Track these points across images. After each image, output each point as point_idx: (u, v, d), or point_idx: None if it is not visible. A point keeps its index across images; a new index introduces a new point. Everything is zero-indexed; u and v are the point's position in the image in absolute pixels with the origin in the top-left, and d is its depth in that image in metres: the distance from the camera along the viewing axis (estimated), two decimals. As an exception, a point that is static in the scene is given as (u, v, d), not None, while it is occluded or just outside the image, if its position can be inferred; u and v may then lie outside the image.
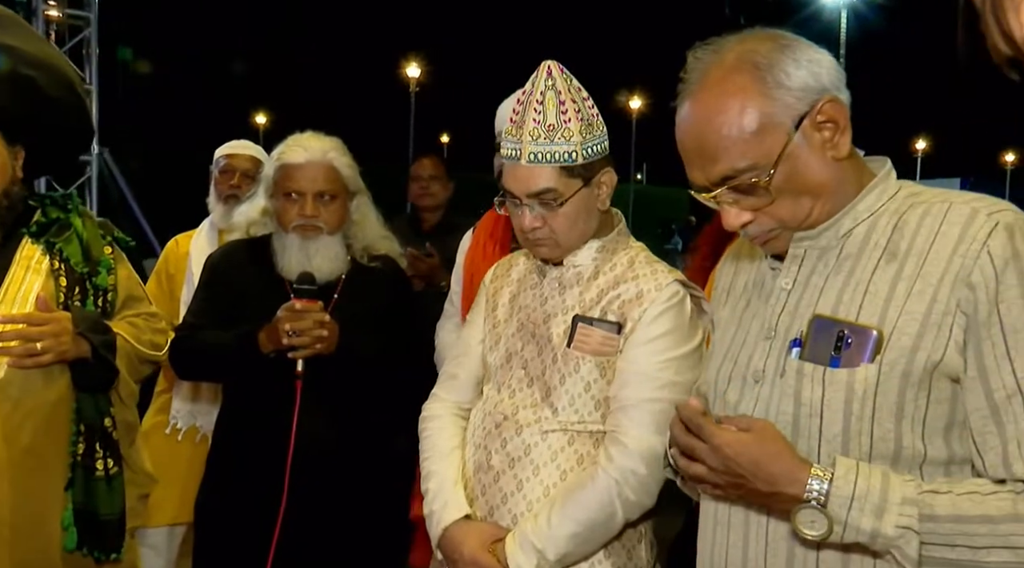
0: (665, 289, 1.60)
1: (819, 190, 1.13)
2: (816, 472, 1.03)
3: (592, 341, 1.60)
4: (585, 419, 1.61)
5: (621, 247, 1.70)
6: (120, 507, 1.86)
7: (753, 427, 1.07)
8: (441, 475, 1.70)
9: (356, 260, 2.20)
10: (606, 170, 1.66)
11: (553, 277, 1.70)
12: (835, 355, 1.10)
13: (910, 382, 1.06)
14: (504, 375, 1.70)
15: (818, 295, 1.14)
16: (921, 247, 1.09)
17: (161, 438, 2.82)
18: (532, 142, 1.60)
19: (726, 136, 1.10)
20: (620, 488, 1.54)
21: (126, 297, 1.95)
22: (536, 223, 1.63)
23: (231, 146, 3.11)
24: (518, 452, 1.62)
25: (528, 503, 1.60)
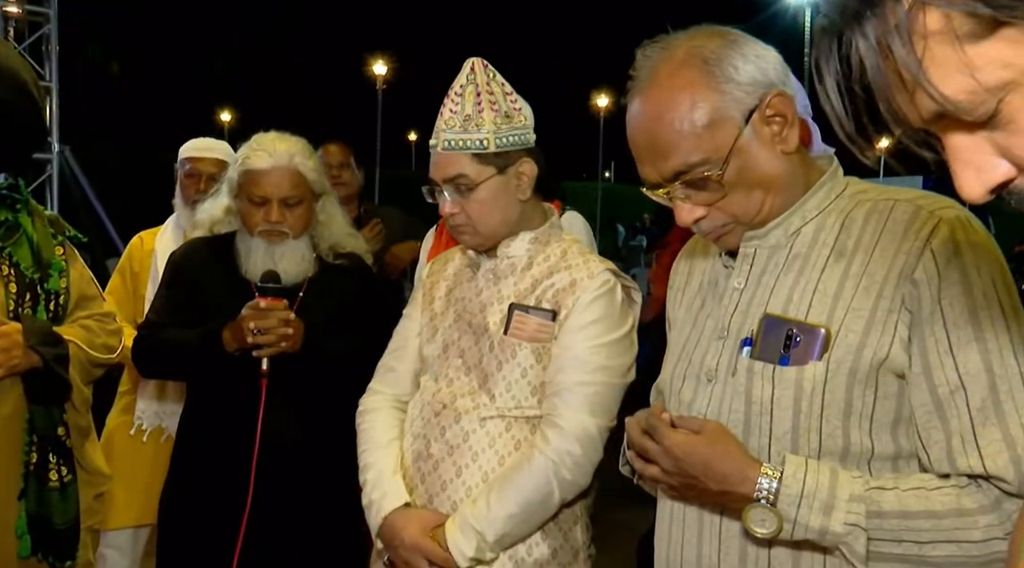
0: (597, 277, 1.66)
1: (770, 183, 1.14)
2: (766, 471, 1.05)
3: (528, 328, 1.65)
4: (522, 404, 1.65)
5: (554, 239, 1.74)
6: (74, 514, 1.84)
7: (704, 429, 1.09)
8: (379, 466, 1.73)
9: (322, 259, 2.19)
10: (525, 161, 1.70)
11: (488, 268, 1.74)
12: (785, 354, 1.11)
13: (857, 379, 1.07)
14: (442, 365, 1.73)
15: (769, 294, 1.16)
16: (867, 245, 1.11)
17: (125, 439, 2.79)
18: (447, 130, 1.67)
19: (677, 131, 1.11)
20: (557, 468, 1.59)
21: (79, 297, 1.91)
22: (454, 209, 1.69)
23: (196, 148, 3.04)
24: (457, 439, 1.65)
25: (467, 489, 1.63)
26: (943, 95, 0.55)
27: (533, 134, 1.73)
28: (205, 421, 2.13)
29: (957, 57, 0.54)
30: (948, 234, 1.06)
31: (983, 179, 0.59)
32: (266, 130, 2.21)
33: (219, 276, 2.14)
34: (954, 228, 1.06)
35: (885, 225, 1.11)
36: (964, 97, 0.55)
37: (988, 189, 0.59)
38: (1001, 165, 0.58)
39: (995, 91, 0.54)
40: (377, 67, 27.99)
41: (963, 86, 0.54)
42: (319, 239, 2.20)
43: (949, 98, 0.55)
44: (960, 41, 0.53)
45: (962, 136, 0.58)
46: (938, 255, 1.05)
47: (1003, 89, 0.54)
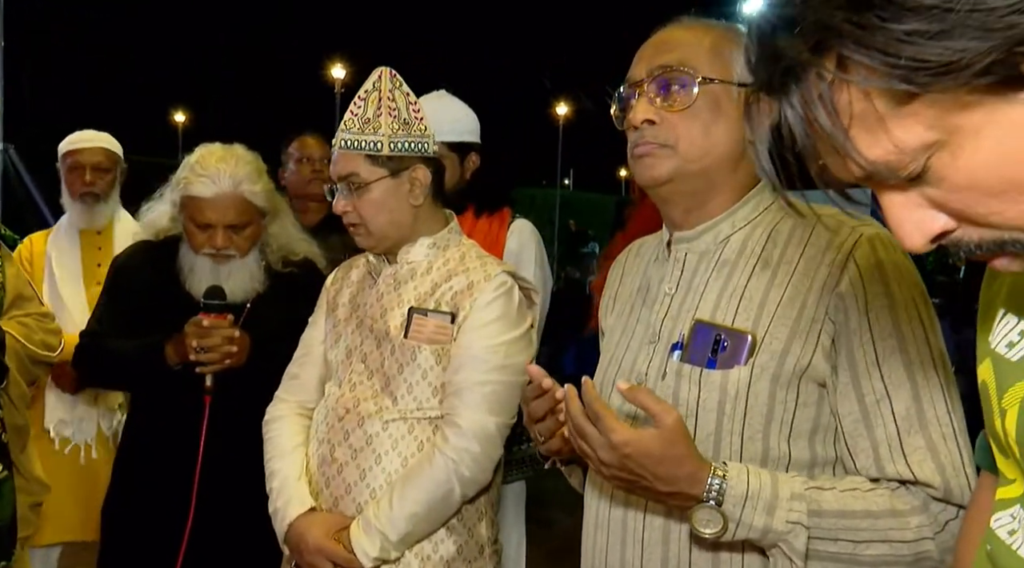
0: (494, 279, 1.70)
1: (720, 145, 1.16)
2: (717, 471, 1.05)
3: (427, 330, 1.68)
4: (424, 406, 1.67)
5: (453, 244, 1.78)
6: (9, 513, 1.78)
7: (662, 424, 1.03)
8: (284, 473, 1.74)
9: (271, 268, 2.13)
10: (419, 167, 1.74)
11: (388, 274, 1.78)
12: (712, 358, 1.13)
13: (779, 384, 1.10)
14: (345, 370, 1.75)
15: (698, 300, 1.18)
16: (791, 257, 1.14)
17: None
18: (346, 131, 1.73)
19: (688, 40, 1.17)
20: (457, 466, 1.62)
21: (15, 296, 1.87)
22: (347, 208, 1.73)
23: (77, 140, 2.93)
24: (360, 443, 1.67)
25: (371, 491, 1.66)
26: (869, 161, 0.56)
27: (433, 145, 1.78)
28: (147, 436, 2.09)
29: (880, 124, 0.55)
30: (869, 249, 1.10)
31: (923, 230, 0.60)
32: (220, 134, 2.14)
33: (163, 286, 2.08)
34: (875, 244, 1.10)
35: (809, 239, 1.14)
36: (892, 158, 0.56)
37: (928, 240, 0.61)
38: (939, 217, 0.60)
39: (921, 151, 0.56)
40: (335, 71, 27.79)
41: (888, 149, 0.56)
42: (269, 251, 2.15)
43: (876, 162, 0.56)
44: (882, 109, 0.55)
45: (896, 193, 0.60)
46: (862, 269, 1.09)
47: (929, 149, 0.56)
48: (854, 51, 0.53)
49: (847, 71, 0.55)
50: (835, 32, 0.54)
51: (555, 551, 1.76)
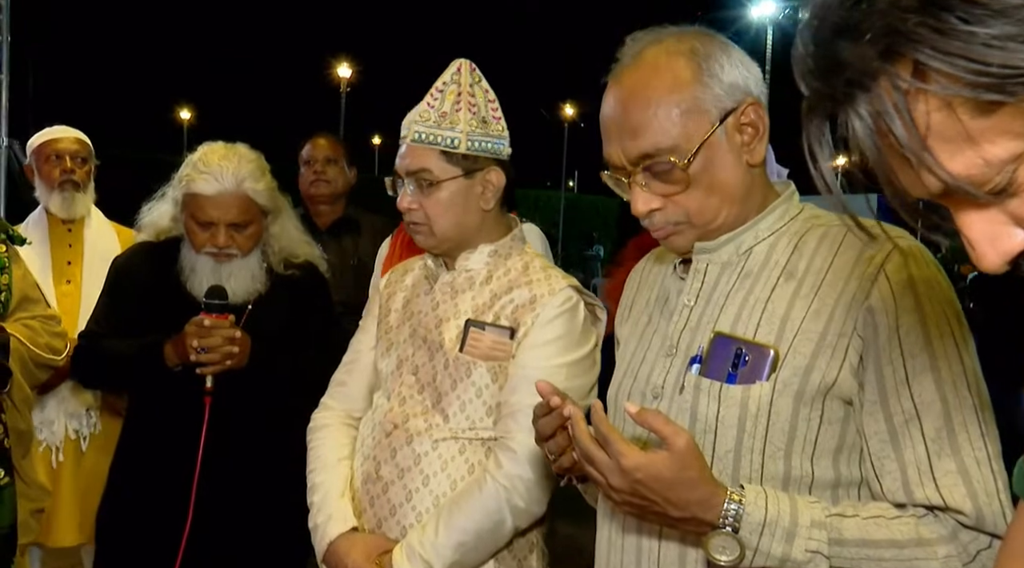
0: (558, 294, 1.60)
1: (729, 191, 1.13)
2: (732, 496, 1.01)
3: (483, 345, 1.59)
4: (476, 426, 1.59)
5: (515, 252, 1.68)
6: (10, 520, 1.76)
7: (673, 446, 0.99)
8: (326, 487, 1.67)
9: (273, 270, 2.11)
10: (493, 169, 1.65)
11: (445, 282, 1.68)
12: (732, 372, 1.09)
13: (803, 401, 1.06)
14: (395, 382, 1.67)
15: (718, 312, 1.14)
16: (819, 268, 1.10)
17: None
18: (420, 123, 1.63)
19: (652, 113, 1.09)
20: (509, 495, 1.53)
21: (21, 298, 1.84)
22: (412, 205, 1.63)
23: (50, 132, 2.94)
24: (408, 462, 1.59)
25: (417, 514, 1.58)
26: (951, 174, 0.52)
27: (508, 147, 1.68)
28: (146, 438, 2.05)
29: (963, 135, 0.51)
30: (901, 263, 1.06)
31: (999, 249, 0.57)
32: (225, 132, 2.12)
33: (163, 286, 2.06)
34: (907, 258, 1.06)
35: (838, 250, 1.10)
36: (976, 172, 0.52)
37: (1006, 260, 0.57)
38: (1018, 234, 0.56)
39: (1008, 163, 0.52)
40: (341, 70, 27.80)
41: (972, 162, 0.52)
42: (270, 252, 2.12)
43: (959, 176, 0.52)
44: (965, 119, 0.51)
45: (973, 209, 0.56)
46: (893, 283, 1.05)
47: (1015, 160, 0.52)
48: (932, 58, 0.49)
49: (925, 79, 0.51)
50: (909, 37, 0.50)
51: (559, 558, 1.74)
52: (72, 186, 2.85)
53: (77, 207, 2.87)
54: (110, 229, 2.93)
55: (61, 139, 2.89)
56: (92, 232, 2.89)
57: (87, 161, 2.92)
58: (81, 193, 2.87)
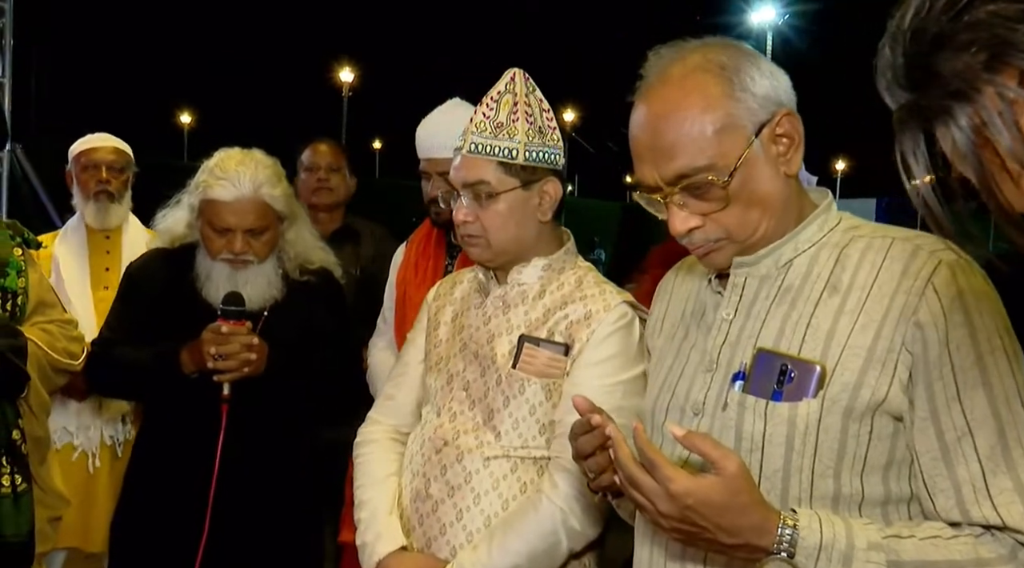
0: (614, 310, 1.56)
1: (768, 204, 1.11)
2: (786, 520, 0.99)
3: (538, 362, 1.56)
4: (529, 444, 1.56)
5: (568, 266, 1.65)
6: (28, 528, 1.74)
7: (724, 471, 0.96)
8: (374, 504, 1.63)
9: (288, 276, 2.10)
10: (550, 180, 1.63)
11: (497, 296, 1.65)
12: (778, 389, 1.07)
13: (852, 418, 1.04)
14: (444, 398, 1.63)
15: (760, 326, 1.12)
16: (863, 281, 1.08)
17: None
18: (476, 134, 1.60)
19: (686, 133, 1.07)
20: (565, 517, 1.49)
21: (37, 302, 1.84)
22: (468, 217, 1.60)
23: (89, 140, 2.94)
24: (458, 480, 1.56)
25: (468, 534, 1.54)
26: None
27: (563, 157, 1.66)
28: (161, 446, 2.03)
29: None
30: (949, 276, 1.04)
31: None
32: (226, 135, 2.11)
33: (178, 293, 2.04)
34: (955, 271, 1.04)
35: (883, 262, 1.08)
36: None
37: None
38: None
39: None
40: (343, 74, 27.82)
41: None
42: (286, 258, 2.11)
43: None
44: None
45: None
46: (942, 297, 1.03)
47: None
48: None
49: None
50: (1018, 47, 0.49)
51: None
52: (107, 197, 2.85)
53: (111, 217, 2.87)
54: (146, 236, 2.92)
55: (99, 149, 2.89)
56: (129, 239, 2.89)
57: (124, 170, 2.92)
58: (116, 204, 2.88)
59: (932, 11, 0.53)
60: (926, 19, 0.53)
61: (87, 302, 2.77)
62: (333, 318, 2.16)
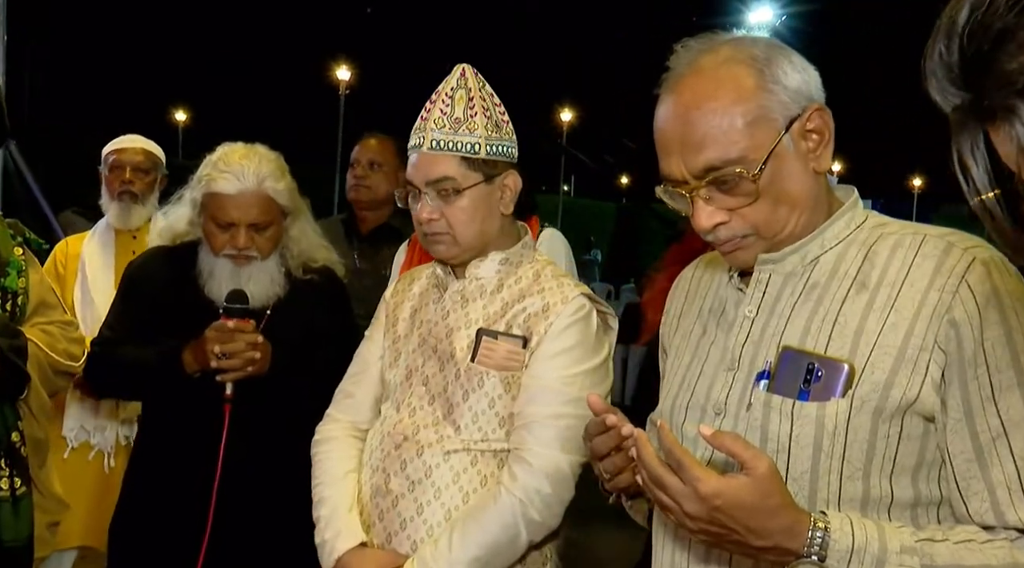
0: (571, 302, 1.57)
1: (797, 200, 1.08)
2: (817, 523, 0.96)
3: (497, 355, 1.57)
4: (489, 437, 1.57)
5: (526, 260, 1.67)
6: (27, 533, 1.71)
7: (753, 471, 0.93)
8: (333, 501, 1.63)
9: (291, 274, 2.08)
10: (510, 173, 1.65)
11: (455, 290, 1.65)
12: (804, 388, 1.04)
13: (882, 418, 1.01)
14: (404, 393, 1.64)
15: (784, 324, 1.09)
16: (893, 278, 1.05)
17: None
18: (436, 130, 1.59)
19: (717, 125, 1.04)
20: (524, 508, 1.51)
21: (38, 303, 1.81)
22: (433, 215, 1.59)
23: (119, 141, 2.99)
24: (418, 474, 1.56)
25: (429, 528, 1.54)
26: None
27: (517, 150, 1.66)
28: (163, 446, 2.01)
29: None
30: (984, 274, 1.01)
31: None
32: (221, 133, 2.09)
33: (180, 291, 2.01)
34: (989, 268, 1.02)
35: (914, 259, 1.05)
36: None
37: None
38: None
39: None
40: (340, 72, 27.78)
41: None
42: (289, 256, 2.09)
43: None
44: None
45: None
46: (977, 294, 1.01)
47: None
48: None
49: None
50: None
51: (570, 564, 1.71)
52: (130, 197, 2.88)
53: (133, 218, 2.89)
54: None
55: (126, 150, 2.92)
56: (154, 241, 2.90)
57: (150, 172, 2.94)
58: (139, 204, 2.90)
59: (994, 7, 0.51)
60: (988, 15, 0.51)
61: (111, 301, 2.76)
62: (336, 318, 2.14)
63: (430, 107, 1.63)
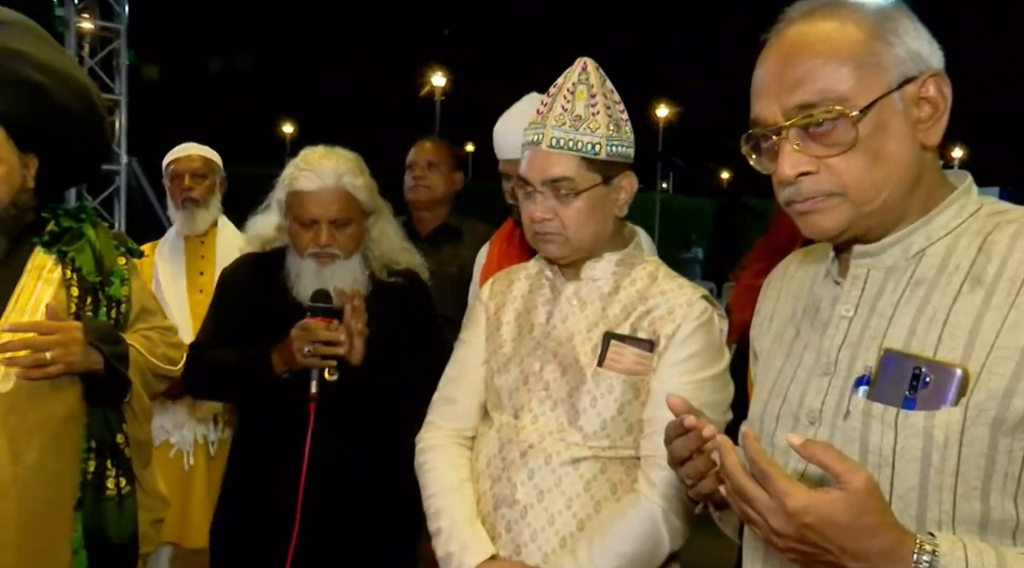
0: (695, 305, 1.54)
1: (896, 168, 0.97)
2: (924, 546, 0.86)
3: (625, 360, 1.52)
4: (617, 444, 1.52)
5: (638, 261, 1.63)
6: (131, 530, 1.79)
7: (849, 485, 0.84)
8: (452, 513, 1.58)
9: (375, 276, 2.12)
10: (627, 175, 1.59)
11: (571, 292, 1.60)
12: (910, 396, 0.94)
13: (1003, 430, 0.91)
14: (521, 399, 1.58)
15: (886, 325, 0.99)
16: (1015, 272, 0.94)
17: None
18: (556, 128, 1.55)
19: (823, 60, 0.95)
20: (666, 514, 1.46)
21: (140, 310, 1.90)
22: (547, 214, 1.55)
23: (175, 151, 3.06)
24: (547, 483, 1.51)
25: (561, 539, 1.49)
26: None
27: (634, 150, 1.60)
28: (254, 445, 2.08)
29: None
30: None
31: None
32: (325, 143, 2.15)
33: (270, 294, 2.08)
34: None
35: None
36: None
37: None
38: None
39: None
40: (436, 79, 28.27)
41: None
42: (372, 257, 2.12)
43: None
44: None
45: None
46: None
47: None
48: None
49: None
50: None
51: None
52: (192, 203, 2.97)
53: (197, 223, 2.99)
54: (241, 240, 3.04)
55: (181, 158, 3.02)
56: (222, 243, 3.00)
57: (207, 176, 3.02)
58: (202, 209, 2.98)
59: None
60: None
61: (183, 305, 2.89)
62: (420, 321, 2.16)
63: (549, 102, 1.57)
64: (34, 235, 1.83)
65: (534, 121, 1.59)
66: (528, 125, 1.60)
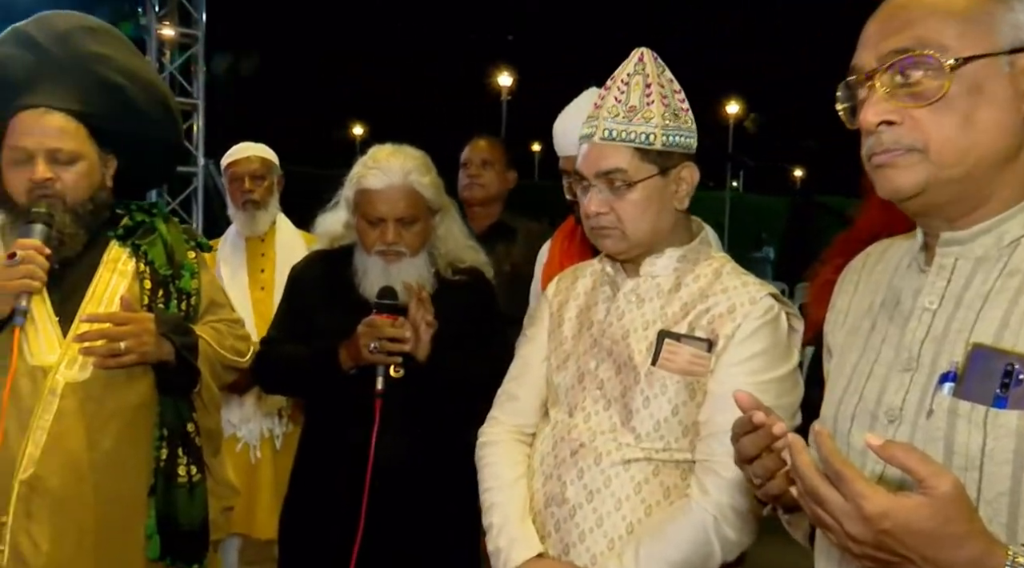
0: (759, 303, 1.47)
1: (987, 135, 0.92)
2: (1018, 559, 0.80)
3: (680, 359, 1.47)
4: (671, 446, 1.47)
5: (703, 257, 1.57)
6: (201, 516, 1.83)
7: (933, 490, 0.79)
8: (505, 509, 1.57)
9: (441, 274, 2.12)
10: (687, 165, 1.54)
11: (629, 289, 1.56)
12: (1001, 394, 0.88)
13: None
14: (576, 397, 1.56)
15: (975, 318, 0.93)
16: None
17: None
18: (609, 119, 1.51)
19: (930, 11, 0.92)
20: (718, 524, 1.41)
21: (209, 302, 1.95)
22: (602, 208, 1.51)
23: (233, 152, 3.09)
24: (597, 484, 1.48)
25: (609, 541, 1.46)
26: None
27: (696, 141, 1.55)
28: (321, 440, 2.11)
29: None
30: None
31: None
32: (392, 141, 2.17)
33: (338, 291, 2.10)
34: None
35: None
36: None
37: None
38: None
39: None
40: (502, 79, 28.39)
41: None
42: (437, 255, 2.13)
43: None
44: None
45: None
46: None
47: None
48: None
49: None
50: None
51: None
52: (252, 205, 3.02)
53: (257, 225, 3.04)
54: (298, 237, 3.07)
55: (239, 160, 3.06)
56: (281, 241, 3.05)
57: (265, 177, 3.07)
58: (262, 210, 3.04)
59: None
60: None
61: (245, 302, 2.94)
62: (485, 319, 2.15)
63: (604, 94, 1.54)
64: (109, 229, 1.89)
65: (591, 115, 1.56)
66: (585, 120, 1.58)
